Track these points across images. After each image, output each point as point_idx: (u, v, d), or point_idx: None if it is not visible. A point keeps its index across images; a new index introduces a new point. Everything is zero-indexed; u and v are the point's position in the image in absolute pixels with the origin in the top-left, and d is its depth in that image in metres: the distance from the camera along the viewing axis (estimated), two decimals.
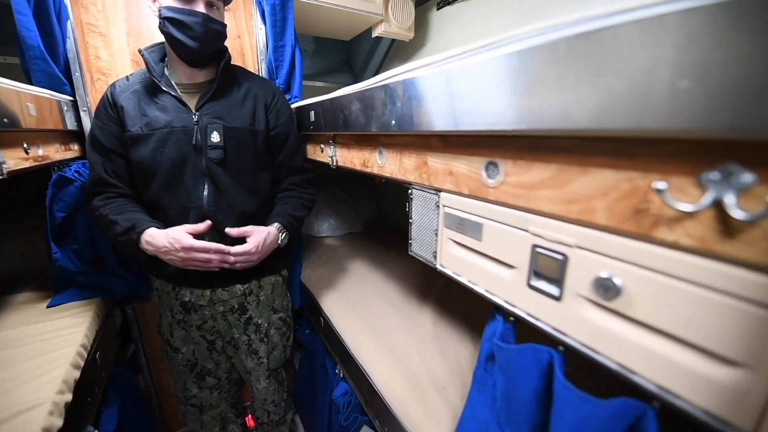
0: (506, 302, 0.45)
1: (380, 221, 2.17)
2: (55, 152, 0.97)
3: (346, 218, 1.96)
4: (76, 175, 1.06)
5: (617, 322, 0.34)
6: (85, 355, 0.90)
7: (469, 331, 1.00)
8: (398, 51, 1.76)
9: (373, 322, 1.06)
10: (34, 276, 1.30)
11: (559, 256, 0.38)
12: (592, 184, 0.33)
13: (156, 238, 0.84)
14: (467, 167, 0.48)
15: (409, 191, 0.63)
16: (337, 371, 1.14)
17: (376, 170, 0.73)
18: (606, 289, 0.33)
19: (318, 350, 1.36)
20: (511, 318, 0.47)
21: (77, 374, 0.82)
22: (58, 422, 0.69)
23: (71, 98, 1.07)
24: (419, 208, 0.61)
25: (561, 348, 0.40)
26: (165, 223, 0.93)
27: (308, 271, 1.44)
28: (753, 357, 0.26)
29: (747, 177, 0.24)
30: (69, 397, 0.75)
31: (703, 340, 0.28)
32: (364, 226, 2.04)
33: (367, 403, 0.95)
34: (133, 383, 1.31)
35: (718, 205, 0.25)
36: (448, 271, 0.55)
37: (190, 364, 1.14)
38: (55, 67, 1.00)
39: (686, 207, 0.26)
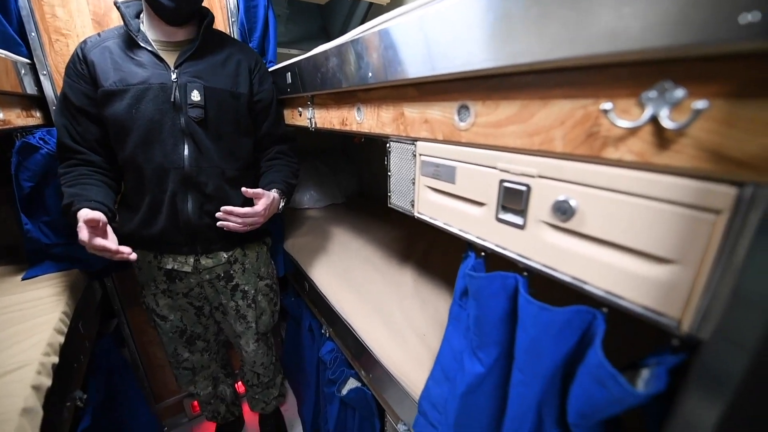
0: (478, 238, 0.49)
1: (362, 194, 2.18)
2: (16, 117, 0.92)
3: (327, 190, 1.97)
4: (41, 142, 1.02)
5: (572, 241, 0.38)
6: (68, 322, 0.90)
7: (447, 287, 1.05)
8: (376, 16, 1.72)
9: (356, 282, 1.09)
10: (6, 251, 1.25)
11: (523, 188, 0.41)
12: (551, 115, 0.36)
13: (78, 221, 0.77)
14: (441, 113, 0.50)
15: (387, 145, 0.65)
16: (323, 332, 1.19)
17: (354, 127, 0.74)
18: (563, 211, 0.37)
19: (303, 315, 1.40)
20: (482, 253, 0.51)
21: (61, 339, 0.82)
22: (47, 382, 0.70)
23: (28, 60, 1.00)
24: (397, 160, 0.63)
25: (525, 273, 0.44)
26: (141, 185, 0.91)
27: (291, 239, 1.45)
28: (681, 253, 0.30)
29: (679, 92, 0.27)
30: (55, 359, 0.76)
31: (641, 244, 0.32)
32: (346, 198, 2.05)
33: (353, 357, 1.00)
34: (119, 355, 1.32)
35: (654, 121, 0.29)
36: (425, 217, 0.59)
37: (179, 331, 1.16)
38: (7, 25, 0.93)
39: (628, 124, 0.30)
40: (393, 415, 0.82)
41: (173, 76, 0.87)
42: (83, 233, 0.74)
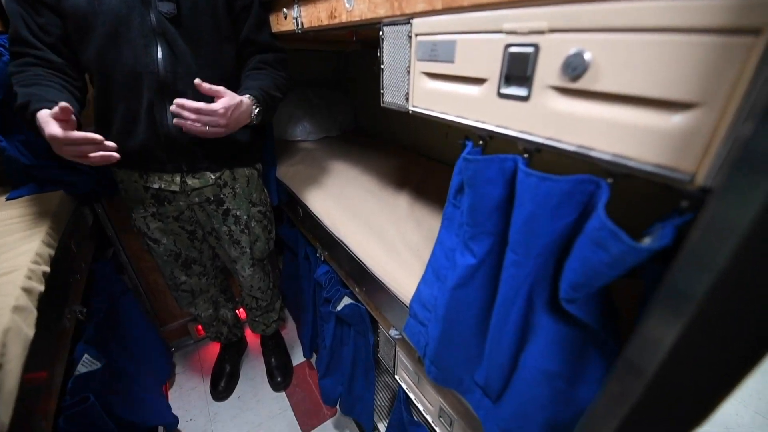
0: (477, 121, 0.45)
1: (359, 129, 2.09)
2: None
3: (321, 122, 1.87)
4: (2, 49, 0.93)
5: (580, 104, 0.34)
6: (57, 237, 0.88)
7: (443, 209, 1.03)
8: None
9: (350, 205, 1.07)
10: None
11: (530, 49, 0.36)
12: None
13: (39, 122, 0.67)
14: None
15: (380, 33, 0.58)
16: (318, 255, 1.19)
17: (344, 18, 0.66)
18: (574, 68, 0.33)
19: (299, 244, 1.40)
20: (480, 141, 0.47)
21: (51, 251, 0.82)
22: (39, 287, 0.70)
23: None
24: (390, 48, 0.57)
25: (526, 155, 0.41)
26: (111, 93, 0.84)
27: (283, 168, 1.41)
28: (706, 93, 0.26)
29: None
30: (46, 268, 0.76)
31: (661, 91, 0.28)
32: (341, 131, 1.97)
33: (347, 275, 1.01)
34: (119, 280, 1.34)
35: None
36: (420, 109, 0.54)
37: (173, 254, 1.16)
38: None
39: None
40: (385, 324, 0.84)
41: None
42: (52, 127, 0.63)
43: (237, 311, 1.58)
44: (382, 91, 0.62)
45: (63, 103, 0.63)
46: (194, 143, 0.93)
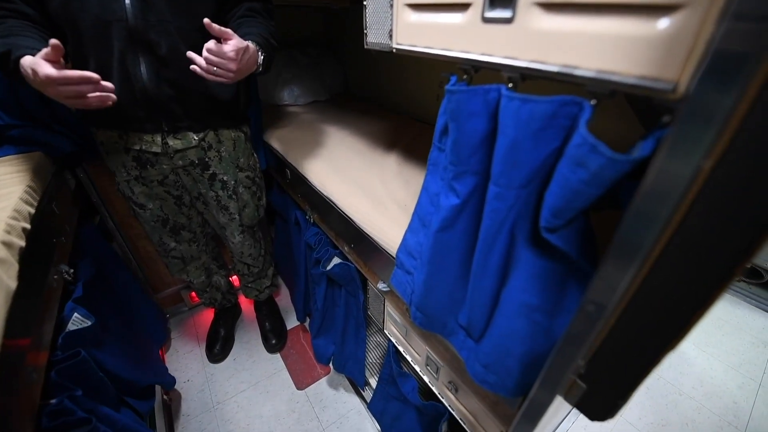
0: (462, 52, 0.43)
1: (348, 93, 2.03)
2: None
3: (309, 85, 1.81)
4: None
5: (564, 19, 0.32)
6: (37, 197, 0.86)
7: None
8: None
9: (338, 165, 1.06)
10: None
11: None
12: None
13: (25, 68, 0.65)
14: None
15: None
16: (307, 218, 1.19)
17: None
18: None
19: (289, 209, 1.39)
20: (465, 76, 0.45)
21: (31, 210, 0.80)
22: (19, 242, 0.69)
23: None
24: None
25: (510, 85, 0.39)
26: (81, 46, 0.79)
27: (270, 131, 1.37)
28: None
29: None
30: (26, 225, 0.74)
31: None
32: (331, 95, 1.91)
33: (336, 236, 1.01)
34: (107, 245, 1.33)
35: None
36: (405, 46, 0.52)
37: (161, 220, 1.14)
38: None
39: None
40: (374, 279, 0.85)
41: None
42: (45, 68, 0.61)
43: (230, 278, 1.59)
44: (365, 32, 0.59)
45: (54, 41, 0.60)
46: (172, 99, 0.89)
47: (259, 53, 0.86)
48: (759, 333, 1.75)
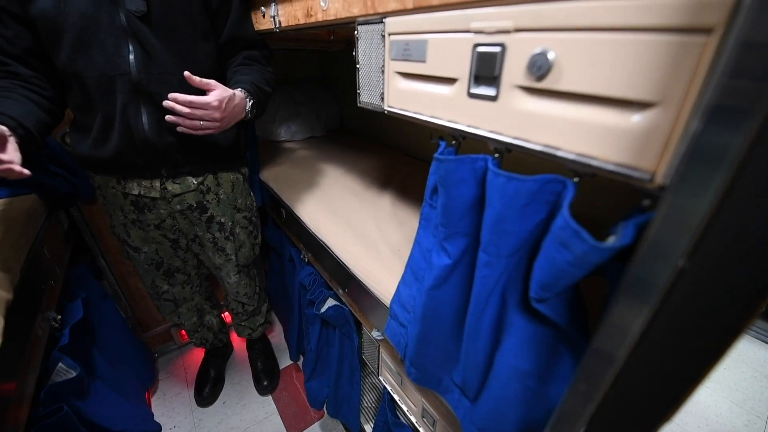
0: (449, 121, 0.45)
1: (344, 127, 2.08)
2: None
3: (305, 122, 1.86)
4: None
5: (545, 103, 0.34)
6: (27, 244, 0.85)
7: None
8: None
9: (332, 206, 1.07)
10: None
11: (497, 49, 0.36)
12: None
13: None
14: None
15: (356, 32, 0.58)
16: (302, 257, 1.18)
17: (320, 17, 0.65)
18: (539, 66, 0.33)
19: (284, 246, 1.39)
20: (453, 142, 0.47)
21: (21, 258, 0.79)
22: (7, 295, 0.68)
23: None
24: (365, 47, 0.56)
25: (496, 155, 0.41)
26: (87, 99, 0.81)
27: (266, 169, 1.39)
28: (663, 92, 0.26)
29: None
30: (15, 276, 0.73)
31: (621, 90, 0.28)
32: (326, 131, 1.96)
33: (330, 277, 1.00)
34: (97, 285, 1.30)
35: None
36: (395, 110, 0.54)
37: (155, 263, 1.13)
38: None
39: None
40: (368, 325, 0.84)
41: None
42: None
43: (222, 314, 1.56)
44: (358, 91, 0.61)
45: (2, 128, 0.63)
46: (173, 148, 0.90)
47: (248, 100, 0.88)
48: (760, 366, 1.72)
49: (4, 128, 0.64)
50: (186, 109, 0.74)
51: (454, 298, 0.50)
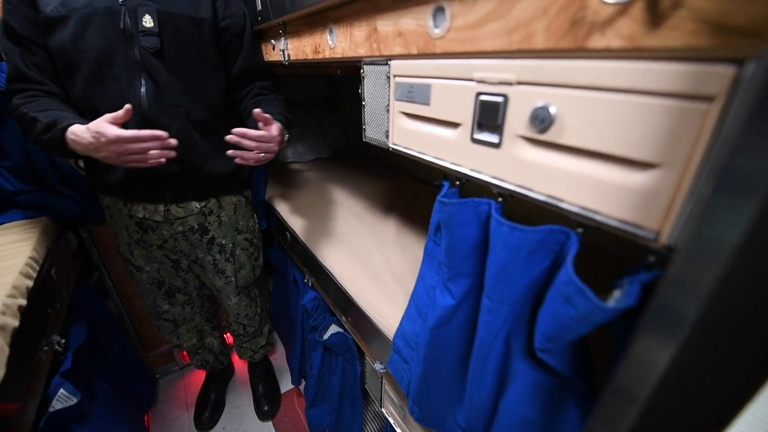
0: (453, 164, 0.45)
1: (350, 148, 2.11)
2: None
3: (312, 143, 1.89)
4: None
5: (548, 155, 0.34)
6: (37, 267, 0.87)
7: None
8: None
9: (337, 232, 1.07)
10: None
11: (500, 99, 0.37)
12: (532, 3, 0.31)
13: (79, 135, 0.70)
14: (415, 21, 0.45)
15: (361, 71, 0.59)
16: (305, 281, 1.18)
17: (327, 54, 0.67)
18: (541, 120, 0.33)
19: (288, 267, 1.39)
20: (457, 182, 0.47)
21: (29, 283, 0.80)
22: (13, 322, 0.68)
23: None
24: (371, 86, 0.58)
25: (500, 199, 0.41)
26: None
27: (272, 192, 1.41)
28: (666, 154, 0.26)
29: None
30: (22, 302, 0.74)
31: (623, 149, 0.29)
32: (333, 152, 1.98)
33: (334, 303, 1.00)
34: (102, 305, 1.31)
35: None
36: (400, 147, 0.54)
37: (156, 283, 1.14)
38: None
39: None
40: (371, 356, 0.83)
41: None
42: (114, 129, 0.67)
43: (225, 335, 1.55)
44: (364, 126, 0.63)
45: (128, 105, 0.67)
46: (178, 176, 0.92)
47: (285, 132, 0.90)
48: None
49: (128, 106, 0.68)
50: (253, 144, 0.77)
51: (458, 338, 0.50)
